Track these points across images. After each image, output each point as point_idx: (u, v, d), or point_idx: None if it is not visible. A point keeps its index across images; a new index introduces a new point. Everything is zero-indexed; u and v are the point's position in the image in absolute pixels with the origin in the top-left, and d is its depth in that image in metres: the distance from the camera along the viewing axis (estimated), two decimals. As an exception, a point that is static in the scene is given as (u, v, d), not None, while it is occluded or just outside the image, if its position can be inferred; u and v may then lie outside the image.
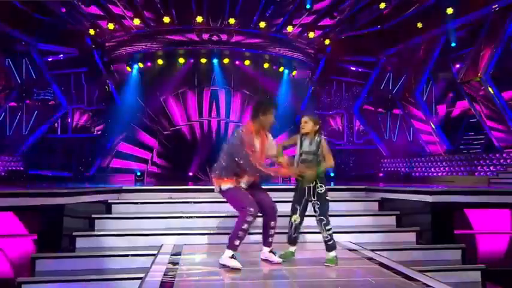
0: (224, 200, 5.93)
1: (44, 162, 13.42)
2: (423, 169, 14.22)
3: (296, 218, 4.32)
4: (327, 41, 14.28)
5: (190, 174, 13.12)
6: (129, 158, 13.58)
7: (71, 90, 14.21)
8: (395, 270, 4.00)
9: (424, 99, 15.09)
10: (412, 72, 14.76)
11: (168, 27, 12.57)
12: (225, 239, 5.22)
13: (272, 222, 4.30)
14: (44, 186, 6.48)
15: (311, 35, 13.67)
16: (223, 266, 3.99)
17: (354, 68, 15.77)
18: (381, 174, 14.91)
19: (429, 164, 14.13)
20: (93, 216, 5.32)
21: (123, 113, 13.43)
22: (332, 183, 9.31)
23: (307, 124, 4.31)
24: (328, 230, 4.20)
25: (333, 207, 6.01)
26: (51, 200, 4.82)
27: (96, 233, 5.21)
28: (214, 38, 12.86)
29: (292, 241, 4.35)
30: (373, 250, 4.92)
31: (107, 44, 13.38)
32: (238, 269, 3.92)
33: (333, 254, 4.19)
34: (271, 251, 4.33)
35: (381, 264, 4.20)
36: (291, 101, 14.25)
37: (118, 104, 13.62)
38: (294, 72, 14.39)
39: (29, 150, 13.45)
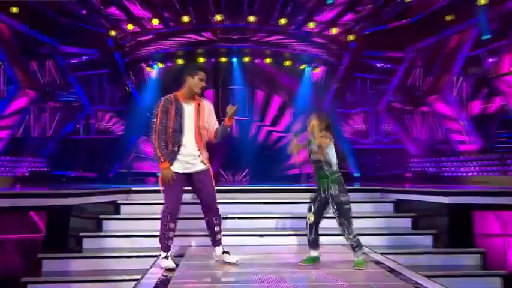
0: (238, 200, 5.98)
1: (68, 163, 13.77)
2: (453, 169, 13.79)
3: (310, 216, 4.23)
4: (351, 37, 14.01)
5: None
6: (150, 158, 13.78)
7: (93, 91, 14.55)
8: (402, 275, 3.88)
9: (455, 95, 14.62)
10: (442, 68, 14.31)
11: (187, 26, 12.67)
12: (235, 240, 5.25)
13: (215, 219, 4.20)
14: (52, 187, 6.66)
15: (333, 31, 13.45)
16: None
17: (379, 64, 15.43)
18: (409, 175, 14.55)
19: (459, 163, 13.70)
20: (100, 216, 5.42)
21: (144, 113, 13.64)
22: (356, 183, 9.19)
23: (313, 126, 4.24)
24: (350, 234, 4.10)
25: (346, 208, 5.95)
26: (57, 200, 4.94)
27: (102, 233, 5.31)
28: (234, 36, 12.88)
29: (312, 244, 4.24)
30: (383, 253, 4.81)
31: (127, 45, 13.62)
32: (172, 269, 3.93)
33: (361, 256, 4.11)
34: (224, 252, 4.24)
35: (388, 269, 4.10)
36: (313, 99, 14.10)
37: (139, 104, 13.84)
38: (317, 70, 14.22)
39: (53, 151, 13.85)
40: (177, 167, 4.07)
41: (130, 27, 13.02)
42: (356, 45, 14.35)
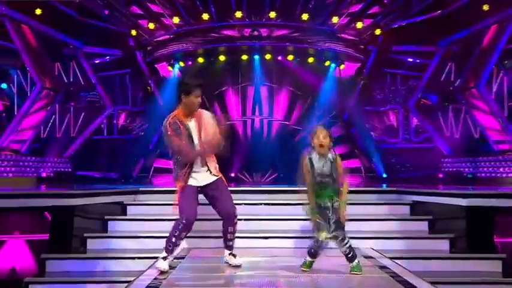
0: (248, 202, 5.97)
1: (91, 163, 14.16)
2: (490, 169, 13.29)
3: (325, 235, 3.96)
4: (378, 31, 13.74)
5: (233, 175, 13.26)
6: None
7: (115, 91, 14.89)
8: (406, 281, 3.77)
9: (493, 91, 14.09)
10: (477, 61, 13.82)
11: (207, 24, 12.80)
12: (239, 243, 5.25)
13: (230, 228, 4.30)
14: (57, 187, 6.85)
15: (359, 25, 13.25)
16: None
17: (410, 59, 15.04)
18: (441, 175, 14.13)
19: (497, 163, 13.19)
20: (106, 217, 5.54)
21: (165, 113, 13.83)
22: (384, 185, 9.00)
23: (326, 140, 3.97)
24: (346, 244, 3.98)
25: (360, 210, 5.88)
26: (61, 201, 5.07)
27: (107, 234, 5.42)
28: (255, 33, 12.88)
29: (314, 254, 4.14)
30: (392, 258, 4.70)
31: (148, 44, 13.89)
32: (164, 271, 4.01)
33: (356, 261, 4.01)
34: (231, 254, 4.35)
35: (393, 274, 3.99)
36: (338, 97, 13.93)
37: (160, 104, 14.07)
38: (342, 66, 14.00)
39: (77, 151, 14.27)
40: (191, 181, 4.22)
41: (151, 26, 13.28)
42: (384, 40, 14.08)
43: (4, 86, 13.44)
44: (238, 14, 12.49)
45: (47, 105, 13.50)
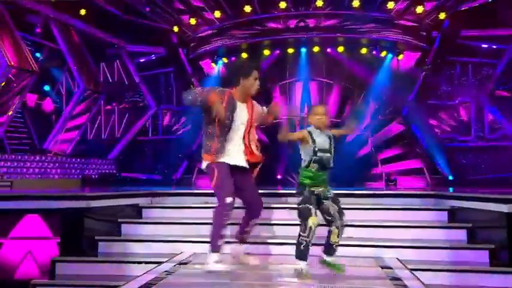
0: (269, 206, 6.02)
1: (135, 164, 14.89)
2: None
3: (314, 219, 4.14)
4: (442, 15, 13.16)
5: (279, 177, 13.31)
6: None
7: (160, 90, 15.53)
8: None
9: None
10: None
11: (249, 17, 12.96)
12: (257, 248, 5.32)
13: (255, 220, 4.56)
14: (67, 190, 7.26)
15: (419, 9, 12.75)
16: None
17: (484, 45, 14.24)
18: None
19: None
20: (119, 220, 5.83)
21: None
22: (451, 188, 8.66)
23: (326, 116, 4.27)
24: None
25: (390, 216, 5.75)
26: (73, 203, 5.42)
27: (119, 238, 5.71)
28: (301, 24, 12.83)
29: (306, 254, 4.19)
30: (424, 270, 4.63)
31: (191, 41, 14.32)
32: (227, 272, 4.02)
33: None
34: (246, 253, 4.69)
35: (402, 288, 3.88)
36: (396, 91, 13.51)
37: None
38: (400, 56, 13.57)
39: (121, 152, 15.06)
40: (224, 158, 4.36)
41: (192, 21, 13.68)
42: (450, 24, 13.48)
43: (47, 87, 14.53)
44: (283, 5, 12.53)
45: (92, 106, 14.38)
